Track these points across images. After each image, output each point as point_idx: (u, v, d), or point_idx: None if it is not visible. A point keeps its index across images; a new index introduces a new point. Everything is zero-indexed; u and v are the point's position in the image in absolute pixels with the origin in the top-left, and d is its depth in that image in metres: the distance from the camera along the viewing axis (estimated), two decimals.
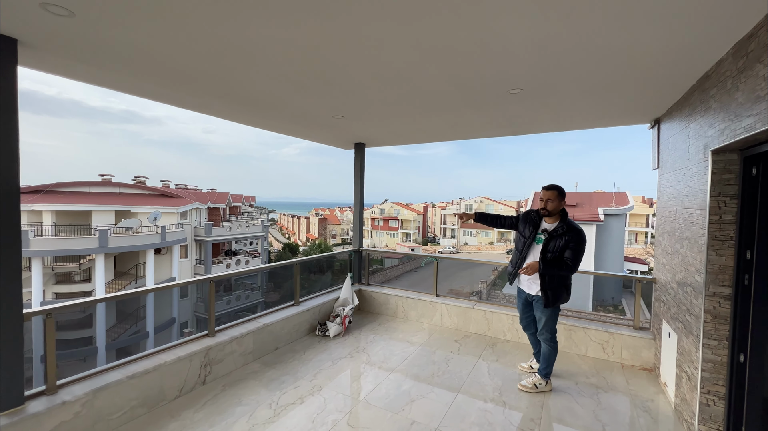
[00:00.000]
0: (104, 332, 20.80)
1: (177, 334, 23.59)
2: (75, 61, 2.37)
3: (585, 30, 1.93)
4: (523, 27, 1.90)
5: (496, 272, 32.56)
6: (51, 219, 22.94)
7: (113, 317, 22.71)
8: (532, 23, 1.86)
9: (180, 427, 2.56)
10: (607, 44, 2.08)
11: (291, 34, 2.04)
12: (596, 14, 1.78)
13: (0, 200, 2.06)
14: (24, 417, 2.13)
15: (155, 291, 3.25)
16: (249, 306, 27.02)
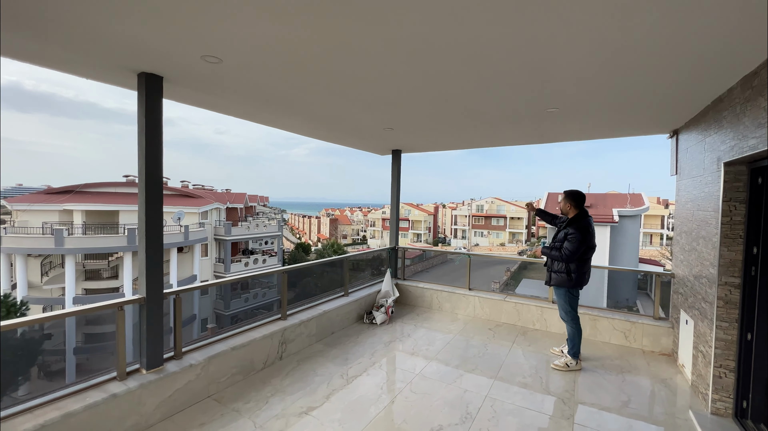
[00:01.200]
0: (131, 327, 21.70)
1: (197, 331, 24.45)
2: (204, 93, 2.97)
3: (618, 59, 2.30)
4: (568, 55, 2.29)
5: (509, 272, 32.76)
6: (81, 219, 23.99)
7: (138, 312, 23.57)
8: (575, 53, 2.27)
9: (273, 391, 3.11)
10: (635, 68, 2.44)
11: (369, 70, 2.56)
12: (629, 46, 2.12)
13: (149, 201, 2.63)
14: (164, 375, 2.70)
15: (246, 278, 3.80)
16: (265, 304, 27.73)
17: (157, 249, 2.70)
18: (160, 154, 2.68)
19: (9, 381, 12.40)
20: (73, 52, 2.28)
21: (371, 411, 2.85)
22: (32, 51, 2.26)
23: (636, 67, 2.44)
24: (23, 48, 2.21)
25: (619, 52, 2.23)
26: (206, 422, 2.65)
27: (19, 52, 2.27)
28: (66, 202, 24.15)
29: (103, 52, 2.28)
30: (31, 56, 2.34)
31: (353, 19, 1.85)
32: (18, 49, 2.22)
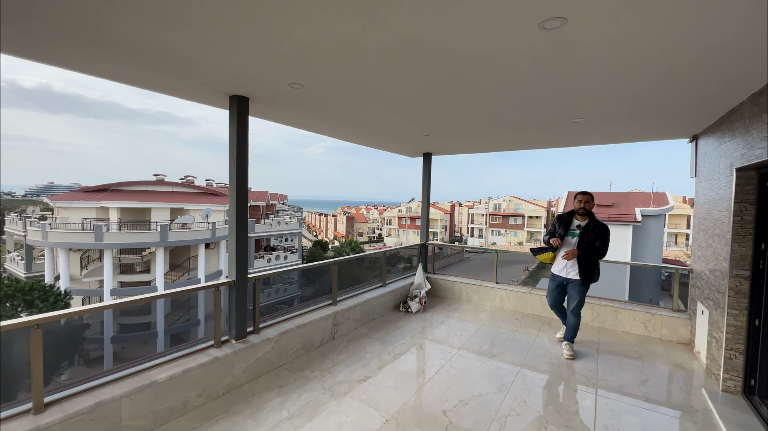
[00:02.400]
0: (163, 318, 22.91)
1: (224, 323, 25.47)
2: (282, 111, 3.54)
3: (644, 73, 2.58)
4: (597, 73, 2.62)
5: (527, 271, 32.70)
6: (117, 216, 25.36)
7: (169, 305, 24.81)
8: (605, 71, 2.60)
9: (333, 363, 3.63)
10: (659, 81, 2.71)
11: (418, 89, 3.03)
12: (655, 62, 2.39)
13: (239, 201, 3.18)
14: (248, 345, 3.25)
15: (308, 268, 4.35)
16: (286, 299, 28.59)
17: (242, 240, 3.26)
18: (247, 163, 3.24)
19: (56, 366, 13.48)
20: (178, 79, 2.81)
21: (419, 380, 3.34)
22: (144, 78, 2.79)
23: (660, 80, 2.69)
24: (137, 76, 2.74)
25: (645, 67, 2.46)
26: (283, 385, 3.20)
27: (134, 80, 2.82)
28: (102, 199, 25.58)
29: (202, 79, 2.81)
30: (142, 83, 2.89)
31: (412, 52, 2.32)
32: (132, 77, 2.76)
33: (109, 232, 22.02)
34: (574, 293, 3.96)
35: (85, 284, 23.33)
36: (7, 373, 8.17)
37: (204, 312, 24.30)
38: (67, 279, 21.91)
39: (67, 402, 2.24)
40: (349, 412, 2.81)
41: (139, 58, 2.42)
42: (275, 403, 2.91)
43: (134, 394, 2.44)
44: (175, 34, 2.09)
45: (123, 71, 2.65)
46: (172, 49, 2.28)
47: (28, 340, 2.15)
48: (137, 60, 2.45)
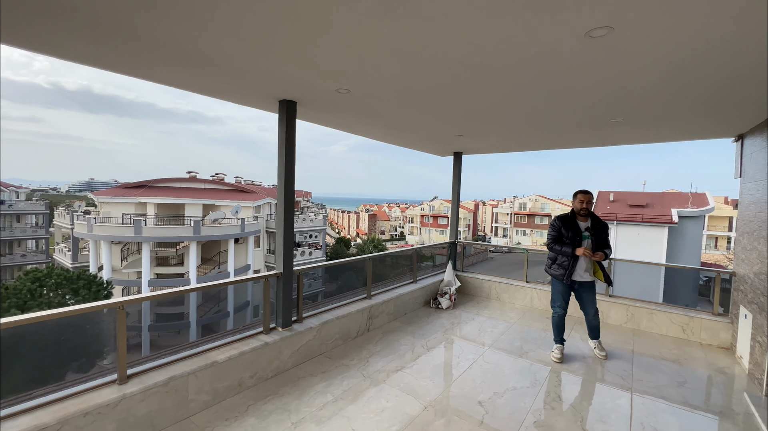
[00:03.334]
0: (195, 309, 24.01)
1: (251, 316, 26.48)
2: (327, 114, 3.75)
3: (686, 74, 2.59)
4: (641, 77, 2.69)
5: None
6: (153, 211, 26.73)
7: (200, 296, 25.93)
8: (649, 74, 2.65)
9: (369, 353, 3.82)
10: (703, 81, 2.66)
11: (458, 92, 3.14)
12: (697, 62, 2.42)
13: (287, 198, 3.41)
14: (293, 333, 3.49)
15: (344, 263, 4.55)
16: (310, 294, 29.24)
17: (289, 235, 3.49)
18: (294, 163, 3.46)
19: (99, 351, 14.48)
20: (234, 86, 3.06)
21: (454, 372, 3.47)
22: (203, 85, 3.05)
23: (704, 80, 2.65)
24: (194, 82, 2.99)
25: (689, 68, 2.44)
26: (325, 371, 3.41)
27: (190, 85, 3.08)
28: (140, 195, 27.01)
29: (256, 86, 3.04)
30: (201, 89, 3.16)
31: (458, 60, 2.44)
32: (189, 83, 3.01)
33: (147, 226, 23.26)
34: (592, 296, 3.88)
35: (125, 275, 24.79)
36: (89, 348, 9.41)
37: (233, 305, 25.31)
38: (109, 269, 23.37)
39: (145, 376, 2.52)
40: (389, 398, 2.98)
41: (202, 67, 2.66)
42: (319, 387, 3.12)
43: (199, 372, 2.70)
44: (236, 47, 2.30)
45: (192, 80, 2.92)
46: (233, 59, 2.50)
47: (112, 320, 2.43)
48: (199, 69, 2.70)
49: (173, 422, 2.55)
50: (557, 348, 3.87)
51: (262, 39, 2.19)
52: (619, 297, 5.07)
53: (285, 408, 2.81)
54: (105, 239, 22.89)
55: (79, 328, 11.96)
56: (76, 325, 11.58)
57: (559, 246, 3.76)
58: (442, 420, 2.71)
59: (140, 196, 26.83)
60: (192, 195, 28.56)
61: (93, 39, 2.20)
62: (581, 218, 3.81)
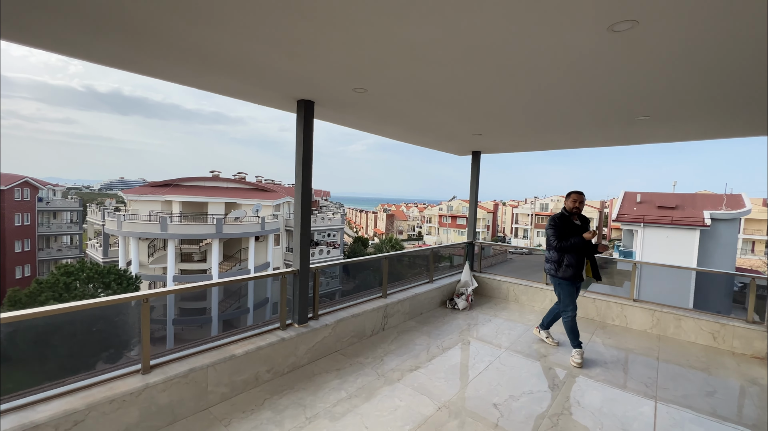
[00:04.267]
0: (217, 305, 24.68)
1: (270, 312, 27.01)
2: (344, 113, 3.79)
3: (715, 71, 2.49)
4: (666, 73, 2.58)
5: None
6: (178, 209, 27.63)
7: (222, 292, 26.62)
8: (674, 72, 2.56)
9: (384, 352, 3.83)
10: (734, 77, 2.55)
11: (474, 89, 3.10)
12: (730, 57, 2.33)
13: (304, 197, 3.46)
14: (309, 330, 3.54)
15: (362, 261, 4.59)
16: (328, 292, 29.54)
17: (306, 234, 3.54)
18: (311, 162, 3.51)
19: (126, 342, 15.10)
20: (254, 86, 3.12)
21: (469, 374, 3.43)
22: (224, 85, 3.12)
23: (735, 76, 2.54)
24: (215, 83, 3.07)
25: (718, 64, 2.35)
26: (341, 368, 3.44)
27: (211, 86, 3.16)
28: (166, 193, 27.99)
29: (275, 86, 3.09)
30: (222, 89, 3.24)
31: (478, 58, 2.41)
32: (210, 83, 3.09)
33: (173, 224, 24.07)
34: (584, 289, 4.05)
35: (152, 270, 25.77)
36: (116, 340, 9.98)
37: (253, 302, 25.89)
38: (137, 264, 24.32)
39: (167, 366, 2.62)
40: (402, 397, 2.98)
41: (222, 68, 2.73)
42: (334, 384, 3.16)
43: (218, 365, 2.78)
44: (255, 47, 2.35)
45: (213, 80, 3.01)
46: (252, 60, 2.56)
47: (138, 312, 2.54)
48: (220, 70, 2.77)
49: (193, 412, 2.64)
50: (577, 352, 3.76)
51: (280, 39, 2.23)
52: (644, 301, 4.88)
53: (300, 403, 2.86)
54: (133, 235, 23.85)
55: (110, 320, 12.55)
56: (107, 317, 12.13)
57: (567, 242, 3.69)
58: (455, 421, 2.69)
59: (166, 194, 27.81)
60: (215, 193, 29.37)
61: (119, 42, 2.30)
62: (573, 217, 3.88)
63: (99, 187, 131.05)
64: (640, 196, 27.04)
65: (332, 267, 30.20)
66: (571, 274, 3.74)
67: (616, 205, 27.60)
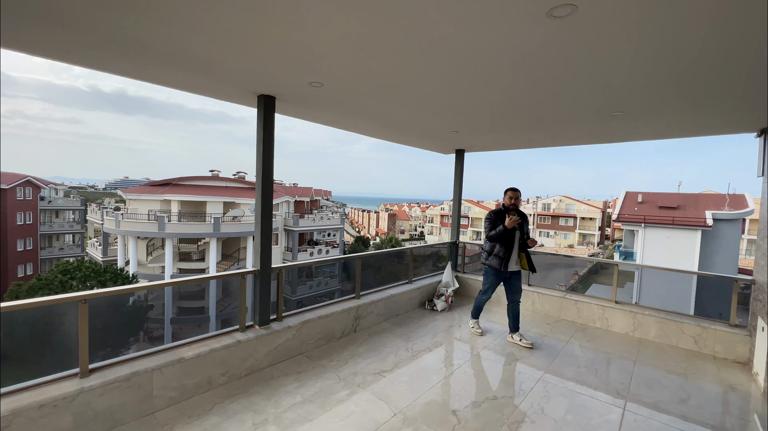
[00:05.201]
0: (215, 304, 24.68)
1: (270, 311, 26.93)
2: (306, 108, 3.68)
3: (686, 65, 2.37)
4: (628, 64, 2.44)
5: (576, 276, 30.76)
6: (177, 208, 27.66)
7: (220, 292, 26.60)
8: (637, 62, 2.42)
9: (351, 355, 3.72)
10: (706, 67, 2.41)
11: (440, 86, 2.98)
12: (695, 54, 2.23)
13: (264, 194, 3.36)
14: (271, 331, 3.44)
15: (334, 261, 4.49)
16: (327, 292, 29.49)
17: (267, 233, 3.44)
18: (272, 159, 3.41)
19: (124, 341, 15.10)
20: (213, 81, 3.04)
21: (434, 378, 3.32)
22: (180, 80, 3.04)
23: (707, 67, 2.41)
24: (173, 78, 2.98)
25: (685, 60, 2.28)
26: (301, 371, 3.34)
27: (169, 81, 3.07)
28: (165, 193, 28.03)
29: (230, 80, 2.99)
30: (179, 84, 3.15)
31: (423, 49, 2.30)
32: (168, 78, 3.00)
33: (170, 223, 24.10)
34: (520, 284, 4.26)
35: (150, 269, 25.82)
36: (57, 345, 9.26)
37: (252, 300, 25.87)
38: (135, 263, 24.37)
39: (107, 370, 2.53)
40: (359, 403, 2.87)
41: (176, 63, 2.65)
42: (291, 388, 3.06)
43: (165, 368, 2.69)
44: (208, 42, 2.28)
45: (162, 74, 2.92)
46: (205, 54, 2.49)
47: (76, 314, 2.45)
48: (174, 65, 2.68)
49: (136, 417, 2.55)
50: (475, 323, 4.50)
51: (225, 31, 2.15)
52: (625, 303, 4.75)
53: (251, 408, 2.76)
54: (131, 234, 23.91)
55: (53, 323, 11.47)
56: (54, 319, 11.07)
57: (495, 232, 4.06)
58: (408, 430, 2.58)
59: (165, 194, 27.85)
60: (213, 193, 29.39)
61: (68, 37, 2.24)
62: (510, 213, 4.11)
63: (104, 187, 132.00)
64: (641, 195, 26.75)
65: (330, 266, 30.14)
66: (497, 264, 4.12)
67: (618, 204, 27.33)
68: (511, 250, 4.08)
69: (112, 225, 24.10)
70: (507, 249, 4.07)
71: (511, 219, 3.93)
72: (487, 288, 4.31)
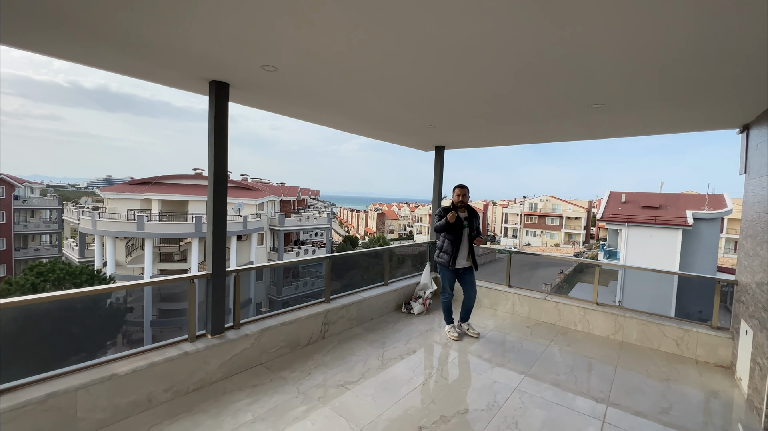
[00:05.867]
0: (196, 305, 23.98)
1: (254, 312, 26.41)
2: (264, 96, 3.37)
3: (664, 54, 2.21)
4: (606, 49, 2.22)
5: (562, 275, 31.03)
6: (158, 207, 26.87)
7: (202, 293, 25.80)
8: (614, 50, 2.24)
9: (316, 364, 3.45)
10: (690, 57, 2.26)
11: (410, 74, 2.73)
12: (672, 42, 2.08)
13: (216, 190, 3.06)
14: (225, 341, 3.14)
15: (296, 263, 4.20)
16: (314, 292, 29.06)
17: (221, 233, 3.14)
18: (226, 151, 3.11)
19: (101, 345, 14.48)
20: (155, 65, 2.73)
21: (402, 390, 3.06)
22: (123, 64, 2.74)
23: (687, 61, 2.32)
24: (115, 62, 2.68)
25: (666, 51, 2.16)
26: (258, 384, 3.05)
27: (112, 65, 2.77)
28: (146, 191, 27.20)
29: (179, 64, 2.70)
30: (122, 68, 2.84)
31: (392, 30, 2.04)
32: (110, 62, 2.70)
33: (150, 222, 23.36)
34: (471, 278, 4.33)
35: (130, 270, 24.97)
36: None
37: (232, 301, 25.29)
38: (113, 265, 23.53)
39: (20, 391, 2.20)
40: (316, 420, 2.60)
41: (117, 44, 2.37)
42: (243, 404, 2.76)
43: (92, 386, 2.37)
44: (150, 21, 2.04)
45: (104, 58, 2.61)
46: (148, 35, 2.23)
47: None
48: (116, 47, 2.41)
49: None
50: (451, 327, 4.31)
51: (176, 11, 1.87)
52: (606, 305, 4.58)
53: (193, 429, 2.46)
54: (108, 235, 23.09)
55: None
56: None
57: (440, 225, 4.14)
58: None
59: (145, 193, 27.03)
60: (196, 192, 28.62)
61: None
62: (460, 209, 4.21)
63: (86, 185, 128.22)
64: (624, 195, 27.10)
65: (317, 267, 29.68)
66: (445, 260, 4.17)
67: (602, 204, 27.62)
68: (459, 247, 4.14)
69: (88, 225, 23.22)
70: (455, 246, 4.13)
71: (452, 214, 4.06)
72: (444, 287, 4.32)
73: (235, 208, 26.84)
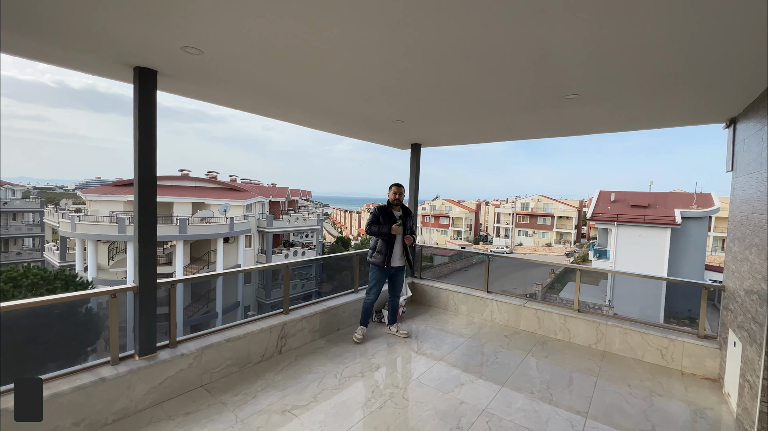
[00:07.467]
0: (182, 310, 23.42)
1: (241, 316, 25.86)
2: (194, 84, 2.98)
3: (642, 35, 1.95)
4: (577, 33, 1.95)
5: (553, 275, 30.96)
6: None
7: (189, 297, 25.32)
8: (585, 29, 1.92)
9: (264, 385, 3.09)
10: (666, 45, 2.05)
11: (362, 61, 2.40)
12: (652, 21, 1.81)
13: (142, 191, 2.69)
14: (157, 362, 2.77)
15: (250, 270, 3.84)
16: (303, 294, 28.60)
17: (149, 240, 2.76)
18: (155, 147, 2.74)
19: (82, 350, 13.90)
20: (70, 50, 2.38)
21: (355, 415, 2.72)
22: (34, 49, 2.38)
23: (667, 45, 2.04)
24: (25, 46, 2.33)
25: (641, 27, 1.86)
26: (191, 411, 2.69)
27: (22, 50, 2.40)
28: (129, 193, 26.48)
29: (96, 48, 2.35)
30: (33, 54, 2.46)
31: (337, 15, 1.70)
32: (20, 47, 2.34)
33: (131, 225, 22.65)
34: (402, 279, 4.41)
35: (113, 274, 24.25)
36: None
37: (222, 306, 24.72)
38: (95, 269, 22.85)
39: None
40: None
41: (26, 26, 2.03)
42: None
43: None
44: None
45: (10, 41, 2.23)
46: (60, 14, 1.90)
47: None
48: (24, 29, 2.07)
49: None
50: (360, 330, 4.15)
51: None
52: (588, 313, 4.30)
53: None
54: (89, 238, 22.40)
55: None
56: None
57: (377, 227, 4.12)
58: None
59: (128, 194, 26.31)
60: (181, 193, 28.00)
61: None
62: (395, 208, 4.23)
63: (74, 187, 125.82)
64: (614, 195, 27.13)
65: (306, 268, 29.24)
66: (379, 261, 4.12)
67: (592, 204, 27.61)
68: (393, 246, 4.14)
69: (68, 228, 22.51)
70: (389, 246, 4.11)
71: (395, 226, 4.06)
72: (371, 287, 4.22)
73: (220, 209, 26.28)
